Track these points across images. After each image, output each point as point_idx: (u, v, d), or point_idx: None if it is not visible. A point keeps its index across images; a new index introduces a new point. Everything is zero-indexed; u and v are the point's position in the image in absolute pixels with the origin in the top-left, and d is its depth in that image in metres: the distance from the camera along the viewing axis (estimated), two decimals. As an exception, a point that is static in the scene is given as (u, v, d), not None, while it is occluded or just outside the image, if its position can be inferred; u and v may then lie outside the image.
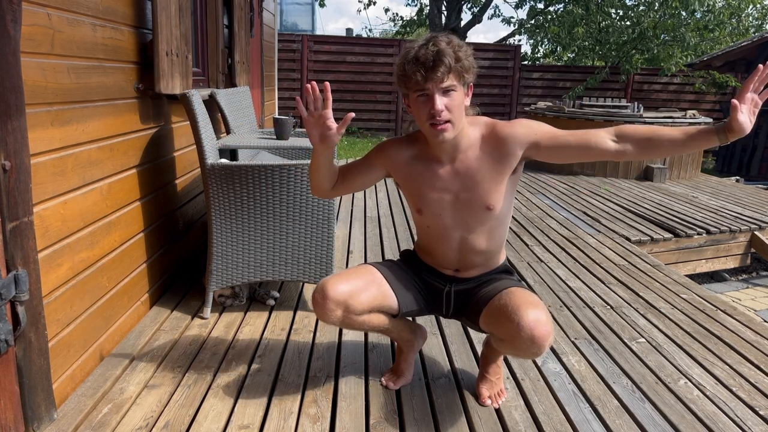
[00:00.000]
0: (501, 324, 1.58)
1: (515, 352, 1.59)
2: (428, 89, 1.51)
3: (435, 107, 1.51)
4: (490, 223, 1.70)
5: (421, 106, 1.55)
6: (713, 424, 1.81)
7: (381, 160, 1.74)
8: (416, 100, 1.55)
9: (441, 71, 1.48)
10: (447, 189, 1.67)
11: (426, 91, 1.52)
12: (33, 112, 1.55)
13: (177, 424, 1.70)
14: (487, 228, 1.71)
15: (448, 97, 1.53)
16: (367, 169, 1.77)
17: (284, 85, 10.25)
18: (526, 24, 12.51)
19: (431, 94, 1.52)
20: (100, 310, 2.00)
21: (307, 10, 25.83)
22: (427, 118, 1.54)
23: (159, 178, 2.55)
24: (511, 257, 3.51)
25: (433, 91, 1.51)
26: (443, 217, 1.71)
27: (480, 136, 1.66)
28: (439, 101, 1.51)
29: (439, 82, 1.50)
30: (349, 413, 1.78)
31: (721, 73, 10.72)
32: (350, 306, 1.63)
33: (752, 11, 12.24)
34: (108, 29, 2.02)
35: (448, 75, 1.50)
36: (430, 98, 1.52)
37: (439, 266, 1.82)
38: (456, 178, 1.66)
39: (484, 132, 1.66)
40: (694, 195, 5.95)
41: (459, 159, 1.65)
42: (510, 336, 1.54)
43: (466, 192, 1.66)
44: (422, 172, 1.68)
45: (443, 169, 1.67)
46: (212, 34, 3.62)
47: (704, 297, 2.97)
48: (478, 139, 1.65)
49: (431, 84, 1.50)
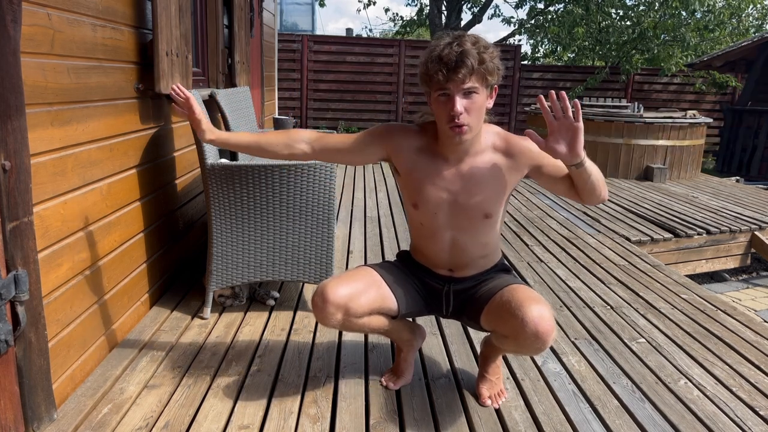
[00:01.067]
0: (504, 321, 1.58)
1: (519, 348, 1.59)
2: (449, 89, 1.50)
3: (455, 109, 1.50)
4: (484, 227, 1.70)
5: (441, 105, 1.54)
6: (713, 424, 1.81)
7: (386, 141, 1.70)
8: (437, 100, 1.54)
9: (463, 72, 1.47)
10: (447, 189, 1.66)
11: (447, 91, 1.51)
12: (33, 112, 1.55)
13: (177, 424, 1.70)
14: (479, 231, 1.71)
15: (469, 99, 1.51)
16: (365, 144, 1.71)
17: (284, 85, 10.25)
18: (526, 24, 12.51)
19: (452, 95, 1.50)
20: (100, 310, 2.00)
21: (307, 10, 25.83)
22: (447, 119, 1.53)
23: (159, 178, 2.55)
24: (511, 257, 3.51)
25: (454, 92, 1.50)
26: (438, 216, 1.70)
27: (491, 144, 1.65)
28: (459, 103, 1.50)
29: (460, 83, 1.49)
30: (349, 413, 1.78)
31: (721, 73, 10.72)
32: (350, 309, 1.63)
33: (752, 11, 12.24)
34: (108, 29, 2.02)
35: (470, 77, 1.49)
36: (451, 99, 1.51)
37: (433, 266, 1.82)
38: (458, 180, 1.65)
39: (496, 141, 1.66)
40: (694, 195, 5.95)
41: (466, 161, 1.64)
42: (514, 332, 1.54)
43: (465, 195, 1.66)
44: (426, 167, 1.67)
45: (448, 169, 1.66)
46: (212, 34, 3.62)
47: (704, 297, 2.97)
48: (489, 147, 1.65)
49: (452, 85, 1.49)
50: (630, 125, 6.65)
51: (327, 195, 2.36)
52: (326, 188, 2.35)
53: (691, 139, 6.87)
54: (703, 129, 7.04)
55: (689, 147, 6.89)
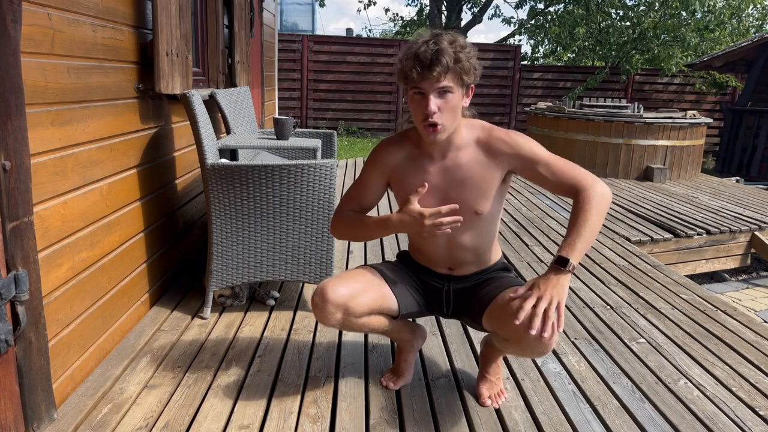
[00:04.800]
0: (506, 323, 1.57)
1: (521, 351, 1.58)
2: (423, 88, 1.50)
3: (428, 108, 1.50)
4: (478, 224, 1.70)
5: (416, 104, 1.54)
6: (713, 424, 1.81)
7: (379, 171, 1.73)
8: (413, 98, 1.54)
9: (437, 71, 1.46)
10: (436, 186, 1.66)
11: (421, 89, 1.51)
12: (33, 112, 1.55)
13: (177, 424, 1.70)
14: (474, 228, 1.71)
15: (443, 98, 1.51)
16: (371, 187, 1.75)
17: (284, 85, 10.26)
18: (526, 24, 12.51)
19: (426, 93, 1.50)
20: (100, 310, 2.00)
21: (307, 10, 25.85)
22: (421, 117, 1.53)
23: (159, 178, 2.55)
24: (511, 257, 3.51)
25: (428, 91, 1.50)
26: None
27: (475, 139, 1.64)
28: (433, 102, 1.50)
29: (435, 81, 1.48)
30: (349, 413, 1.78)
31: (721, 73, 10.72)
32: (350, 308, 1.62)
33: (753, 11, 12.23)
34: (108, 29, 2.02)
35: (444, 75, 1.48)
36: (425, 97, 1.51)
37: (432, 265, 1.82)
38: (445, 175, 1.65)
39: (480, 135, 1.65)
40: (695, 195, 5.95)
41: (449, 157, 1.64)
42: (516, 335, 1.51)
43: (454, 191, 1.65)
44: (414, 172, 1.68)
45: (434, 165, 1.66)
46: (212, 34, 3.62)
47: (704, 297, 2.97)
48: (473, 142, 1.64)
49: (427, 83, 1.49)
50: (630, 125, 6.65)
51: (327, 195, 2.35)
52: (326, 188, 2.35)
53: (691, 140, 6.87)
54: (703, 129, 7.04)
55: (689, 147, 6.89)
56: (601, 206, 1.52)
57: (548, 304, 1.40)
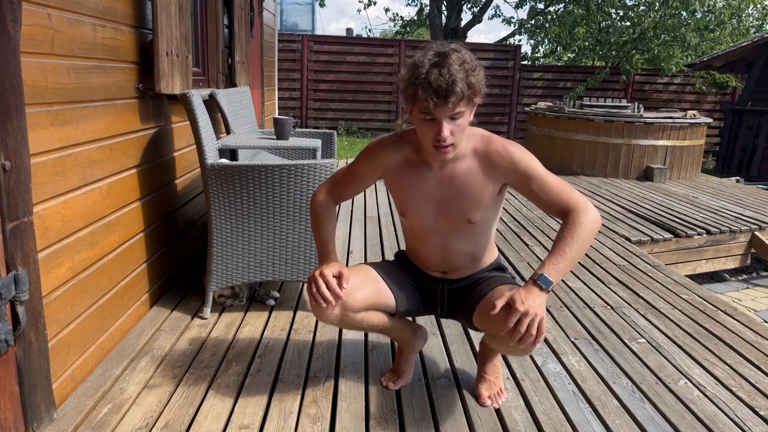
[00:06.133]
0: (492, 321, 1.57)
1: (507, 349, 1.59)
2: (437, 115, 1.47)
3: (441, 134, 1.48)
4: (472, 231, 1.70)
5: (425, 126, 1.51)
6: (713, 424, 1.81)
7: (372, 169, 1.73)
8: (421, 120, 1.51)
9: (453, 101, 1.43)
10: (432, 195, 1.66)
11: (433, 116, 1.48)
12: (33, 112, 1.55)
13: (177, 424, 1.70)
14: (468, 235, 1.71)
15: (455, 123, 1.49)
16: (360, 180, 1.76)
17: (284, 85, 10.25)
18: (526, 24, 12.51)
19: (439, 120, 1.48)
20: (100, 310, 2.00)
21: (307, 10, 25.85)
22: (431, 140, 1.51)
23: (159, 178, 2.55)
24: (510, 257, 3.51)
25: (441, 118, 1.47)
26: (426, 221, 1.71)
27: (473, 149, 1.62)
28: (446, 128, 1.48)
29: (449, 111, 1.46)
30: (349, 413, 1.78)
31: (721, 73, 10.71)
32: (347, 303, 1.63)
33: (753, 11, 12.23)
34: (108, 29, 2.02)
35: (459, 104, 1.46)
36: (437, 123, 1.48)
37: (426, 268, 1.83)
38: (441, 184, 1.65)
39: (477, 146, 1.63)
40: (695, 195, 5.95)
41: (447, 167, 1.63)
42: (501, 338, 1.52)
43: (449, 201, 1.65)
44: (411, 177, 1.67)
45: (431, 174, 1.65)
46: (212, 34, 3.62)
47: (704, 297, 2.97)
48: (470, 152, 1.62)
49: (440, 112, 1.46)
50: (630, 125, 6.65)
51: (327, 195, 2.35)
52: (326, 188, 2.34)
53: (691, 140, 6.87)
54: (703, 129, 7.04)
55: (689, 147, 6.89)
56: (590, 230, 1.53)
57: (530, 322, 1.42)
